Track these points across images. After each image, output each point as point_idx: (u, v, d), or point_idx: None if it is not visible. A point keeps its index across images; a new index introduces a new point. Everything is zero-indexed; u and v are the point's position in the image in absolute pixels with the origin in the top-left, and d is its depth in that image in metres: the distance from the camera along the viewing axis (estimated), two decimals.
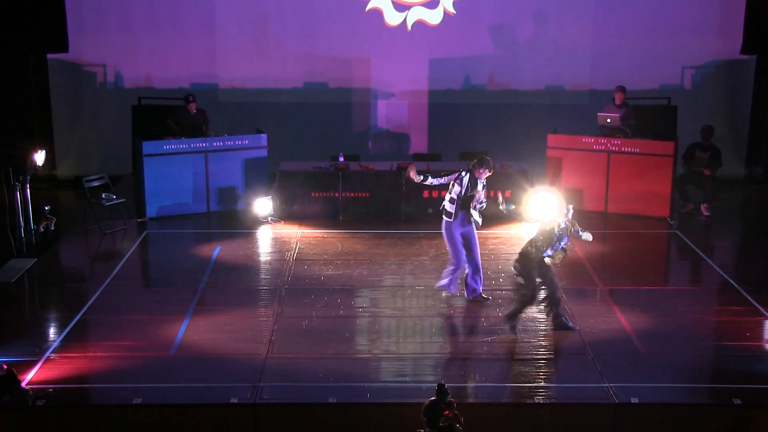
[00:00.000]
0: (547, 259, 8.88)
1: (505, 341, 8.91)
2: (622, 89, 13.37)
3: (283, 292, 10.16)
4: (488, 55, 15.50)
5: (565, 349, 8.78)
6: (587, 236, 8.94)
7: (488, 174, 9.52)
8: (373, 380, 8.17)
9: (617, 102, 13.35)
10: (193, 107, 13.30)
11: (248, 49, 15.34)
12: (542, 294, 9.06)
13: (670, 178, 12.81)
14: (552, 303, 9.03)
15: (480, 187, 9.51)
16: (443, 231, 9.67)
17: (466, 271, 9.80)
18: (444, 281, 9.85)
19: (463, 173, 9.50)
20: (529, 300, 8.95)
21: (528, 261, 8.87)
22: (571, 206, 8.86)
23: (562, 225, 8.81)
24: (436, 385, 6.61)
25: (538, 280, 8.95)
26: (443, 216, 9.64)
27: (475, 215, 9.57)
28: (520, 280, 8.98)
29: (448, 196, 9.61)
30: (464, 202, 9.50)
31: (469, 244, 9.68)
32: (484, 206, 9.63)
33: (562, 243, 8.84)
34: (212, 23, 15.26)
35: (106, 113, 15.55)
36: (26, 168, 11.65)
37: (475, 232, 9.71)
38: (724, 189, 13.96)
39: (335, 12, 15.25)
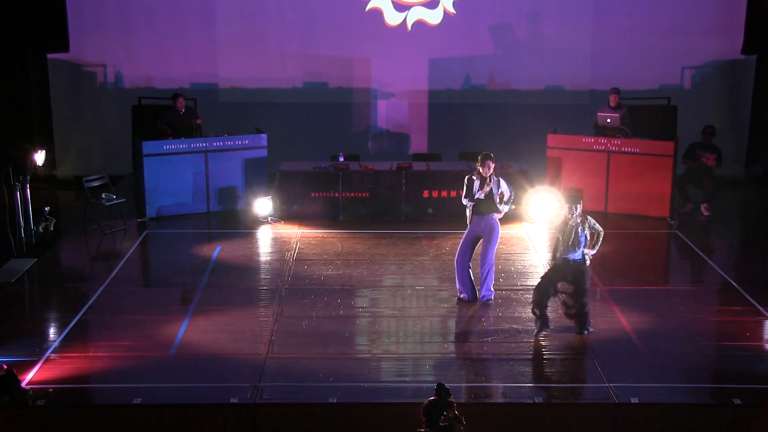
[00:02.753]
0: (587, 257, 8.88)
1: (505, 341, 8.91)
2: (616, 91, 13.32)
3: (283, 292, 10.16)
4: (488, 55, 15.50)
5: (565, 349, 8.77)
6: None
7: (494, 165, 9.51)
8: (373, 380, 8.17)
9: (612, 104, 13.31)
10: (181, 104, 13.31)
11: (248, 49, 15.34)
12: (553, 294, 9.08)
13: (670, 178, 12.81)
14: (576, 306, 8.99)
15: (496, 185, 9.49)
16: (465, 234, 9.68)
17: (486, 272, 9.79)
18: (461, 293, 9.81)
19: (473, 176, 9.47)
20: (539, 305, 8.95)
21: (554, 266, 8.89)
22: (576, 204, 8.81)
23: (573, 222, 8.78)
24: (435, 385, 6.60)
25: (560, 284, 8.96)
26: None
27: (501, 208, 9.59)
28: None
29: (463, 200, 9.59)
30: (481, 206, 9.48)
31: (484, 245, 9.65)
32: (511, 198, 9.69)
33: (581, 239, 8.80)
34: (212, 23, 15.27)
35: (106, 113, 15.55)
36: (26, 168, 11.64)
37: (495, 234, 9.64)
38: (724, 189, 13.96)
39: (335, 12, 15.25)
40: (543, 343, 8.86)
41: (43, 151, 11.89)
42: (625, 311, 9.62)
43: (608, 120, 13.08)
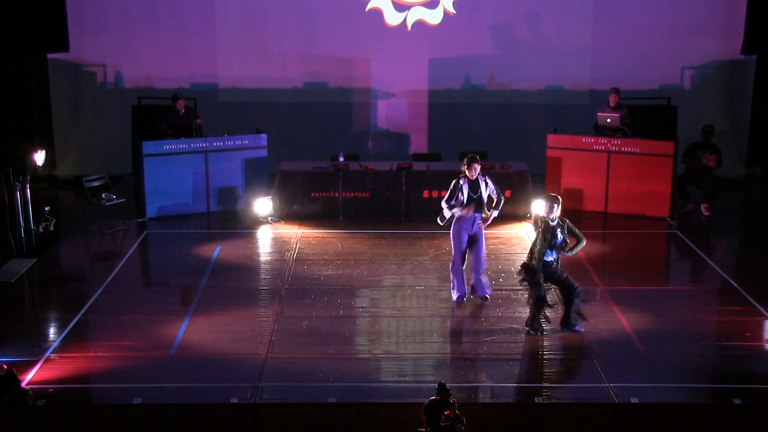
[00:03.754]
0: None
1: (505, 341, 8.90)
2: (616, 91, 13.32)
3: (283, 292, 10.16)
4: (488, 55, 15.50)
5: (565, 349, 8.77)
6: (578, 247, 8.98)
7: (480, 167, 9.49)
8: (373, 380, 8.17)
9: (611, 104, 13.31)
10: (181, 105, 13.32)
11: (248, 49, 15.34)
12: (551, 294, 9.10)
13: (670, 178, 12.81)
14: (565, 303, 9.01)
15: (484, 186, 9.49)
16: (451, 232, 9.65)
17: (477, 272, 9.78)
18: (457, 293, 9.78)
19: (460, 180, 9.46)
20: (540, 303, 8.94)
21: (531, 271, 8.86)
22: (555, 204, 8.77)
23: (552, 223, 8.76)
24: (436, 384, 6.60)
25: (547, 284, 8.96)
26: (440, 221, 9.68)
27: (492, 213, 9.60)
28: (528, 287, 9.02)
29: (444, 203, 9.57)
30: (474, 206, 9.48)
31: (476, 244, 9.65)
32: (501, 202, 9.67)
33: (558, 240, 8.80)
34: (212, 23, 15.27)
35: (106, 113, 15.55)
36: (26, 168, 11.64)
37: (483, 232, 9.68)
38: (724, 189, 13.96)
39: (335, 12, 15.25)
40: (543, 343, 8.86)
41: (43, 151, 11.89)
42: (625, 311, 9.62)
43: (608, 120, 13.08)
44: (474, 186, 9.48)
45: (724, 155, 13.46)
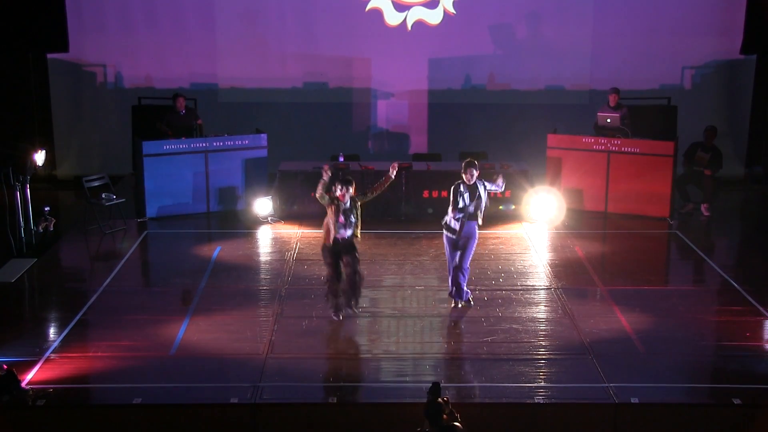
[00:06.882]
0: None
1: (505, 341, 8.91)
2: (615, 91, 13.32)
3: (283, 292, 10.16)
4: (488, 55, 15.50)
5: (565, 349, 8.78)
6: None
7: (477, 173, 9.34)
8: (373, 380, 8.18)
9: (611, 104, 13.32)
10: (181, 104, 13.33)
11: (248, 49, 15.34)
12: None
13: (670, 178, 12.81)
14: (351, 275, 9.19)
15: (482, 189, 9.34)
16: (444, 239, 9.54)
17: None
18: (454, 292, 9.68)
19: (460, 186, 9.31)
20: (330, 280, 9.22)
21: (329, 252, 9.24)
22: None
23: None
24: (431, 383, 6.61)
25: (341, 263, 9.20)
26: (446, 231, 9.42)
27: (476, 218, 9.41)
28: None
29: (451, 212, 9.39)
30: (469, 215, 9.30)
31: (466, 246, 9.49)
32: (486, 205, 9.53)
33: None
34: (212, 23, 15.27)
35: (106, 113, 15.55)
36: (26, 168, 11.64)
37: (476, 236, 9.54)
38: (724, 189, 13.97)
39: (335, 12, 15.25)
40: (543, 343, 8.86)
41: (43, 151, 11.88)
42: (625, 311, 9.62)
43: (608, 120, 13.09)
44: (472, 191, 9.35)
45: (724, 155, 13.46)
